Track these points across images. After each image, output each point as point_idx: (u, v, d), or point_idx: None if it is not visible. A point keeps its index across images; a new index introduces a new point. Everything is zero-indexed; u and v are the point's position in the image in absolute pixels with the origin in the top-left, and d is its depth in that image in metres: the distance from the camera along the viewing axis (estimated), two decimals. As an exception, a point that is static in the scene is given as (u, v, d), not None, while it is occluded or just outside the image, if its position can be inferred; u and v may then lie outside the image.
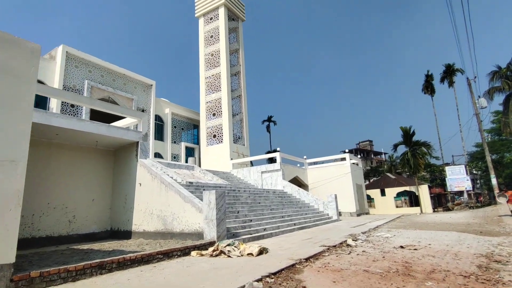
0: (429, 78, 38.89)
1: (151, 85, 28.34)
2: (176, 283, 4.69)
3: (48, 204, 9.48)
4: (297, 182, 23.66)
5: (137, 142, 10.80)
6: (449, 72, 37.80)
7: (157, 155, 27.88)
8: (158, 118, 29.21)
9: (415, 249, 7.52)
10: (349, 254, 7.06)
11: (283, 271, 5.31)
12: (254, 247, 6.93)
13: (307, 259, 6.31)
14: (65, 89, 21.45)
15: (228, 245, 7.23)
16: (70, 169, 10.16)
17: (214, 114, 30.40)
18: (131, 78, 26.59)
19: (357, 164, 25.40)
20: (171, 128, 29.86)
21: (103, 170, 11.07)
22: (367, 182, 36.25)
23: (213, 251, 7.04)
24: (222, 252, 6.99)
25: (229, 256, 6.78)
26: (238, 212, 11.81)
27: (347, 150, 23.04)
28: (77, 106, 22.16)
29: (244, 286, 4.17)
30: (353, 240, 8.87)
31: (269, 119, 46.73)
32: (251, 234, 10.08)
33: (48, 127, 8.49)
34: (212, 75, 31.19)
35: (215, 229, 8.35)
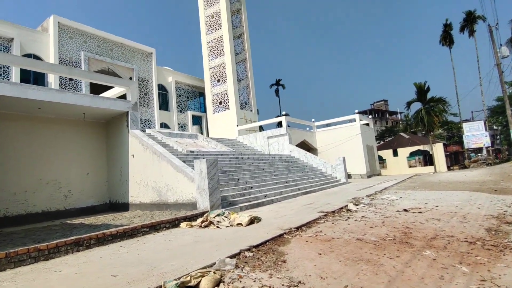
0: (447, 28, 35.90)
1: (151, 53, 27.37)
2: (148, 259, 4.36)
3: (40, 180, 9.34)
4: (306, 146, 23.06)
5: (127, 112, 10.31)
6: (470, 20, 34.65)
7: (163, 125, 27.63)
8: (161, 88, 28.56)
9: (419, 212, 6.97)
10: (346, 220, 6.59)
11: (267, 243, 4.90)
12: (244, 216, 6.54)
13: (298, 228, 5.88)
14: (61, 62, 20.91)
15: (218, 215, 6.88)
16: (60, 144, 9.89)
17: (218, 80, 29.44)
18: (129, 47, 25.67)
19: (368, 125, 24.37)
20: (175, 97, 29.25)
21: (96, 143, 10.77)
22: (381, 143, 35.23)
23: (202, 222, 6.71)
24: (211, 222, 6.66)
25: (218, 227, 6.44)
26: (238, 179, 11.45)
27: (356, 111, 21.94)
28: (75, 80, 21.70)
29: (214, 263, 3.76)
30: (354, 205, 8.37)
31: (278, 83, 45.02)
32: (250, 201, 9.75)
33: (26, 100, 8.05)
34: (214, 39, 29.77)
35: (208, 198, 8.00)
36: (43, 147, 9.55)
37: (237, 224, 6.40)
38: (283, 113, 20.17)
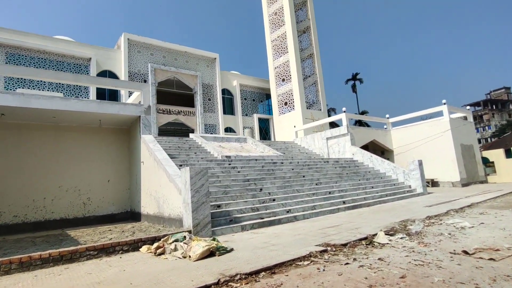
0: None
1: (215, 58, 27.64)
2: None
3: (60, 187, 9.48)
4: (378, 147, 19.39)
5: (139, 117, 9.75)
6: None
7: (228, 129, 27.48)
8: (226, 92, 28.57)
9: (490, 259, 4.02)
10: (346, 264, 4.20)
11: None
12: (199, 246, 4.83)
13: (250, 275, 3.88)
14: (130, 75, 22.68)
15: (176, 240, 5.35)
16: (81, 151, 9.95)
17: (283, 80, 27.87)
18: (193, 55, 26.40)
19: (465, 118, 19.01)
20: (240, 100, 28.86)
21: (118, 149, 10.57)
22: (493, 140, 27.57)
23: (157, 248, 5.28)
24: (166, 250, 5.18)
25: (166, 258, 4.91)
26: (261, 189, 9.66)
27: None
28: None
29: None
30: (389, 234, 5.67)
31: (354, 77, 40.30)
32: (262, 218, 7.88)
33: (32, 110, 8.11)
34: (278, 37, 28.38)
35: (190, 215, 6.55)
36: (65, 154, 9.74)
37: (189, 257, 4.75)
38: (343, 109, 17.23)
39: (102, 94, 21.61)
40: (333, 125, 28.93)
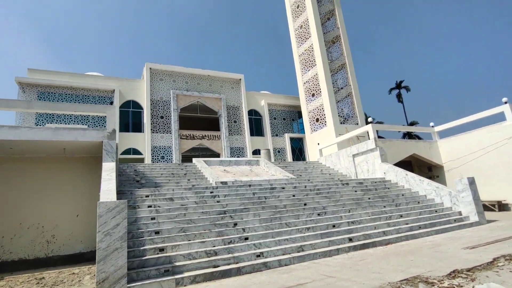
0: None
1: (239, 79, 26.78)
2: None
3: (21, 224, 8.69)
4: (422, 163, 15.90)
5: (101, 142, 8.69)
6: None
7: (257, 152, 25.82)
8: (254, 113, 27.28)
9: None
10: None
11: None
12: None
13: None
14: (152, 103, 22.77)
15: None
16: (46, 184, 9.16)
17: (313, 95, 25.75)
18: (217, 78, 25.88)
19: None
20: (269, 120, 27.27)
21: (88, 180, 9.59)
22: None
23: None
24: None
25: None
26: (235, 224, 7.67)
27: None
28: (166, 116, 23.14)
29: None
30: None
31: (399, 86, 35.71)
32: (216, 266, 5.90)
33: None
34: (305, 50, 26.65)
35: (96, 266, 4.92)
36: (28, 188, 9.06)
37: None
38: (369, 119, 14.43)
39: (138, 125, 21.94)
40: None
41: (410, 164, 16.81)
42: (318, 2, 26.59)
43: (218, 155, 24.58)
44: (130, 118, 22.28)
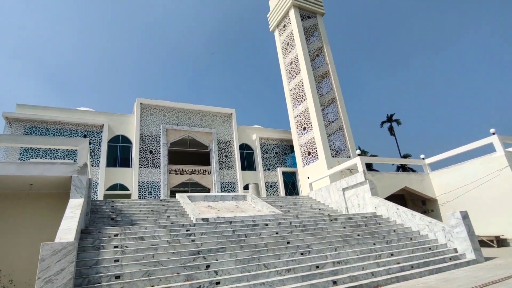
0: None
1: (231, 114, 26.88)
2: None
3: (-25, 268, 7.90)
4: (416, 196, 15.37)
5: (71, 177, 8.22)
6: None
7: (248, 186, 25.16)
8: (245, 147, 27.04)
9: None
10: None
11: None
12: None
13: None
14: (142, 137, 22.53)
15: None
16: (5, 224, 8.50)
17: (304, 128, 25.71)
18: (208, 112, 25.97)
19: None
20: (261, 154, 26.95)
21: (55, 218, 8.91)
22: None
23: None
24: None
25: None
26: (208, 266, 6.99)
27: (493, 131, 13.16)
28: (155, 150, 22.79)
29: None
30: None
31: (390, 119, 36.04)
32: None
33: None
34: (296, 85, 27.10)
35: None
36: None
37: None
38: (357, 151, 14.14)
39: (126, 160, 21.52)
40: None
41: (403, 197, 16.25)
42: (307, 39, 27.55)
43: (208, 190, 23.90)
44: (119, 153, 21.91)
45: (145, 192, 21.33)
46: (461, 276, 7.26)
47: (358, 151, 14.28)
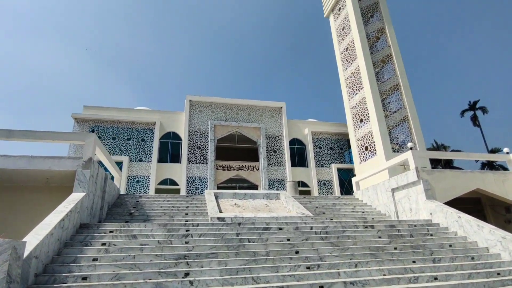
0: None
1: (281, 107, 25.65)
2: None
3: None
4: (497, 201, 12.04)
5: (75, 172, 8.28)
6: None
7: (300, 183, 23.70)
8: (297, 142, 25.53)
9: None
10: None
11: None
12: None
13: None
14: (190, 134, 22.98)
15: None
16: (36, 216, 9.00)
17: (361, 120, 23.09)
18: (256, 107, 25.22)
19: None
20: (313, 150, 25.12)
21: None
22: None
23: None
24: None
25: None
26: (187, 274, 6.14)
27: None
28: (203, 146, 23.02)
29: None
30: None
31: (473, 107, 29.34)
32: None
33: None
34: (352, 73, 24.51)
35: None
36: (12, 217, 8.98)
37: None
38: (409, 145, 11.55)
39: (176, 156, 22.44)
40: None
41: (480, 202, 12.96)
42: (366, 21, 24.61)
43: (256, 187, 23.22)
44: (169, 149, 22.77)
45: (192, 187, 21.70)
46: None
47: (410, 144, 11.71)
